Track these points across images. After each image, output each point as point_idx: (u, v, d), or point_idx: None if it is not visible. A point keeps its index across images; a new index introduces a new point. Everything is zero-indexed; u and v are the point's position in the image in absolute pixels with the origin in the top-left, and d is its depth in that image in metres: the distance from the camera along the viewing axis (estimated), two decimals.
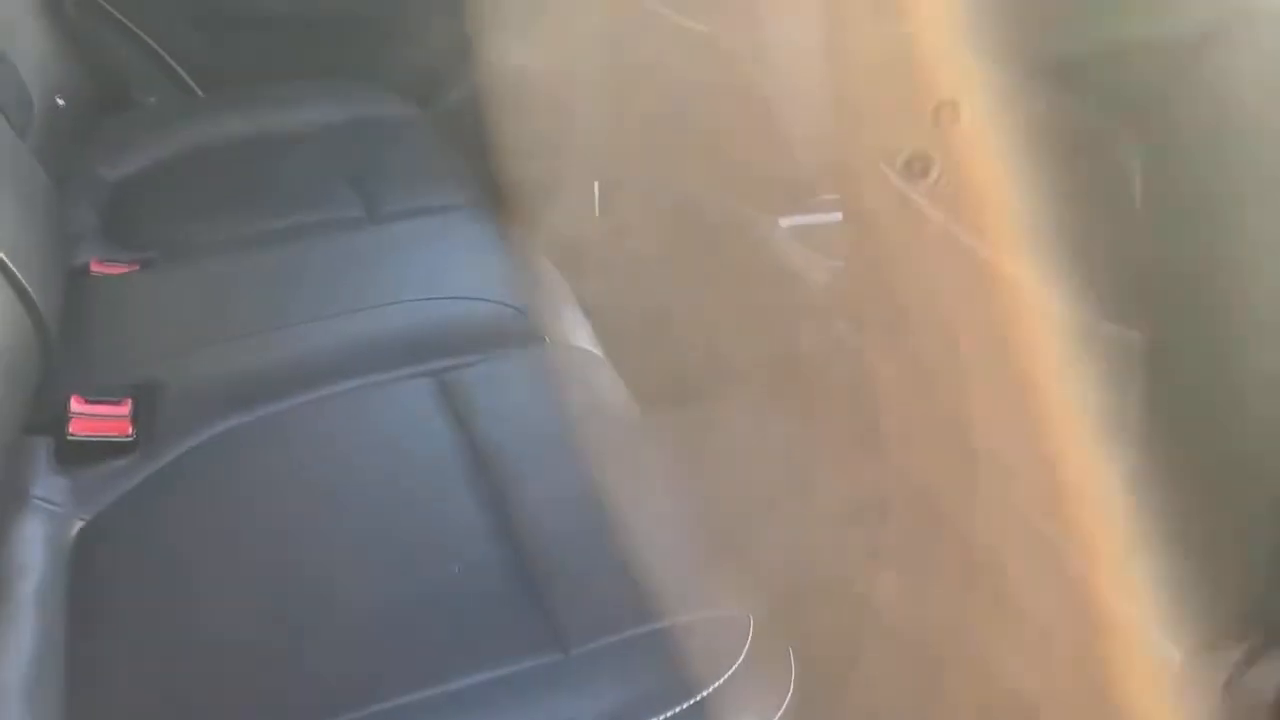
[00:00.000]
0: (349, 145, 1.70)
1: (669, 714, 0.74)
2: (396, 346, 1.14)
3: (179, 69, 1.96)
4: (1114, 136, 0.80)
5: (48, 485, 0.97)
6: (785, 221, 1.49)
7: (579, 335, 1.20)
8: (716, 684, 0.77)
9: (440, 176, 1.62)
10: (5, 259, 1.01)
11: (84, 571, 0.91)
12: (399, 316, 1.19)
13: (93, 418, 1.04)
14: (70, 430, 1.02)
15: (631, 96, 1.91)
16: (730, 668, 0.78)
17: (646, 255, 2.20)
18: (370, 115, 1.82)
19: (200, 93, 1.97)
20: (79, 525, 0.95)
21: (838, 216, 1.27)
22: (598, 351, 1.19)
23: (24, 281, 1.02)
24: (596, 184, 2.17)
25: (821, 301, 1.37)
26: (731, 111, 1.47)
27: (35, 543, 0.92)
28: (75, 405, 1.04)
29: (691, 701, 0.75)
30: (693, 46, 1.52)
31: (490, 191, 1.67)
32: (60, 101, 1.62)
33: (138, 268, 1.34)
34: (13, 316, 1.01)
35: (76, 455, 1.01)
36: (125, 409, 1.05)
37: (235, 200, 1.54)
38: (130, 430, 1.03)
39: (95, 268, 1.32)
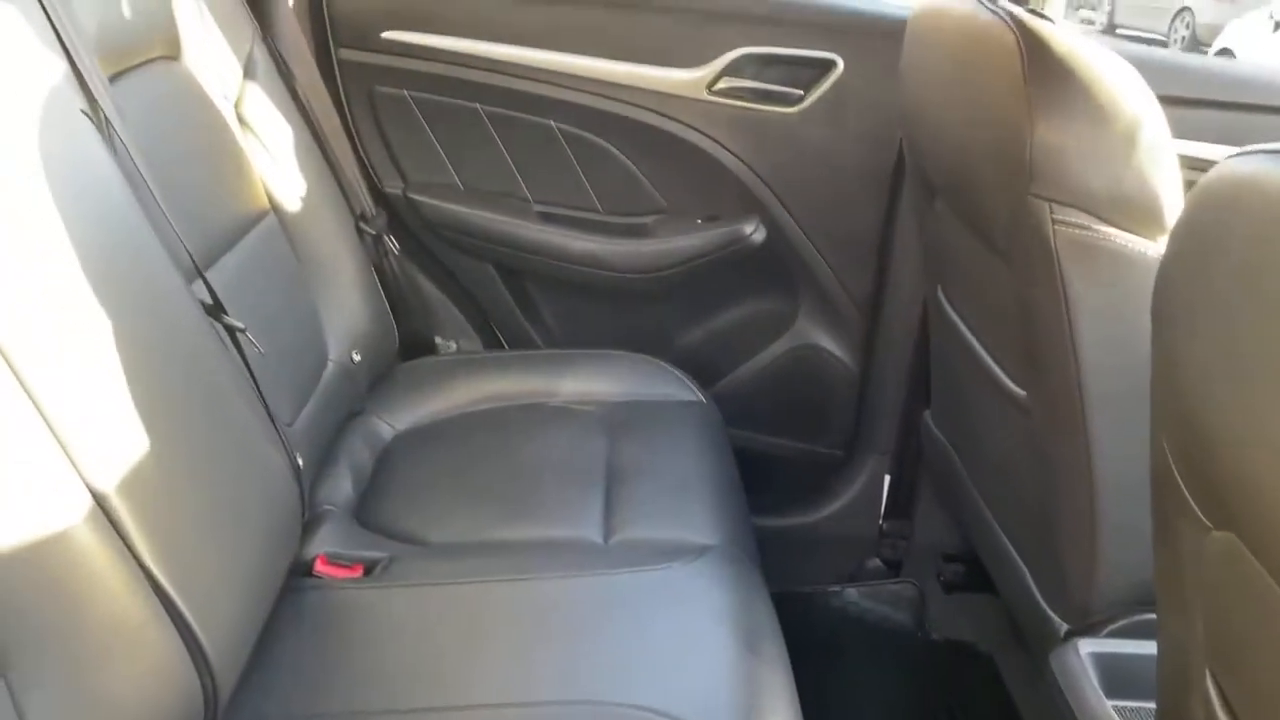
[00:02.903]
0: (619, 431, 1.63)
1: None
2: None
3: (490, 321, 1.99)
4: None
5: None
6: (1087, 646, 1.21)
7: None
8: None
9: (699, 495, 1.49)
10: (180, 603, 0.95)
11: None
12: None
13: None
14: None
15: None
16: None
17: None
18: (653, 396, 1.76)
19: (506, 345, 1.99)
20: None
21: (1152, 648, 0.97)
22: None
23: (197, 629, 0.97)
24: (885, 485, 1.94)
25: None
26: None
27: None
28: None
29: None
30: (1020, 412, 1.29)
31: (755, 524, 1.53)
32: (356, 358, 1.65)
33: (360, 572, 1.30)
34: (176, 672, 0.96)
35: None
36: None
37: (488, 487, 1.51)
38: None
39: (320, 567, 1.29)
